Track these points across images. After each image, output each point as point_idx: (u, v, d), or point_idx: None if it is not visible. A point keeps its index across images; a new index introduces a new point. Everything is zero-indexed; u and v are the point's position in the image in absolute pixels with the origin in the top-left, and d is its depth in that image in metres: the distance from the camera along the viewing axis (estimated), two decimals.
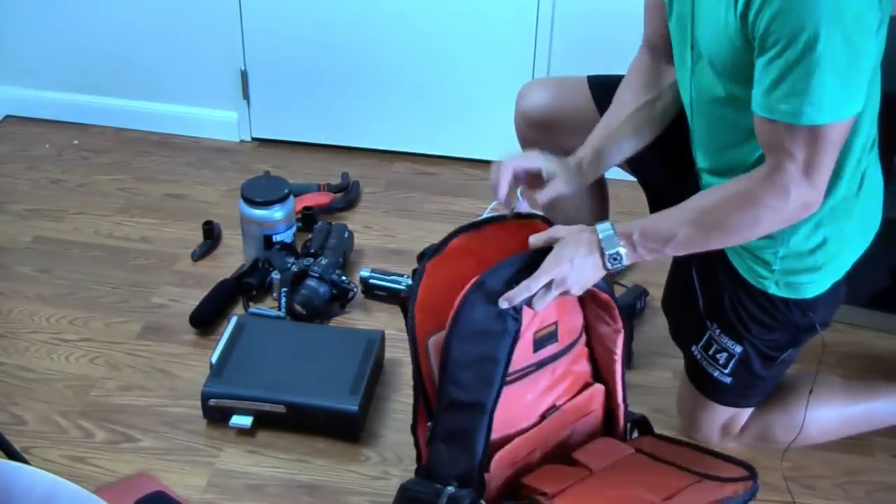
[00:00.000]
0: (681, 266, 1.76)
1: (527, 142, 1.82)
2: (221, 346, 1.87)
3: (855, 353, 2.00)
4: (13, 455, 1.57)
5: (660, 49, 1.62)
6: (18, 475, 1.05)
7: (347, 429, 1.78)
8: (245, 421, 1.78)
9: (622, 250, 1.40)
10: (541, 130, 1.79)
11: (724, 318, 1.61)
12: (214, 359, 1.85)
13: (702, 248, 1.43)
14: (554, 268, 1.38)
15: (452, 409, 1.39)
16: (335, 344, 1.91)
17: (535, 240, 1.43)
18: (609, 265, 1.41)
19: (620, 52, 1.72)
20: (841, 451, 1.80)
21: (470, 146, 2.64)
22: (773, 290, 1.54)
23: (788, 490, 1.70)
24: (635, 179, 1.83)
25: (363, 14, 2.49)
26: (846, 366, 1.95)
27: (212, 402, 1.79)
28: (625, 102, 1.62)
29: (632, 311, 2.07)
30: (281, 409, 1.77)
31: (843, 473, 1.76)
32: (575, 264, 1.38)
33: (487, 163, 2.59)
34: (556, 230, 1.43)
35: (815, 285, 1.53)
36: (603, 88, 1.74)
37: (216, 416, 1.80)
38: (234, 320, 1.94)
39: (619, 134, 1.61)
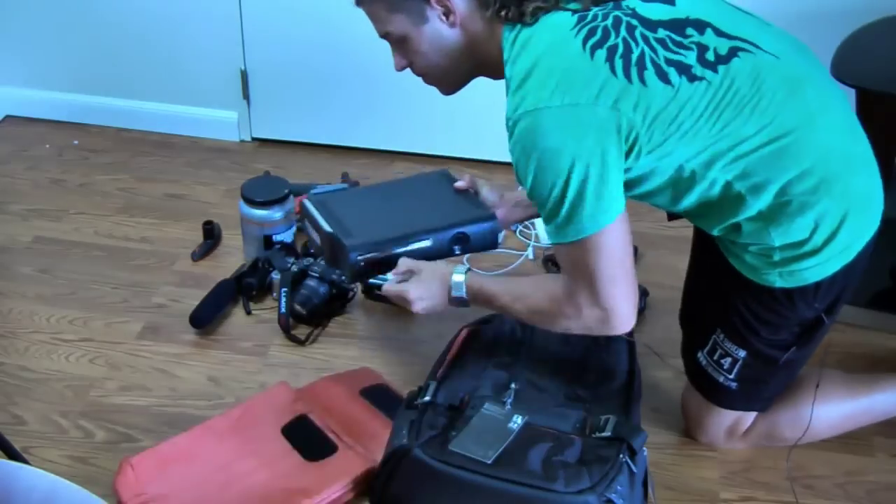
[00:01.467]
0: (689, 275, 1.77)
1: None
2: (323, 221, 1.83)
3: (856, 353, 2.00)
4: (13, 455, 1.57)
5: None
6: (18, 475, 1.05)
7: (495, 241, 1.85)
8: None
9: (466, 298, 1.65)
10: None
11: (729, 323, 1.61)
12: (328, 229, 1.80)
13: (520, 321, 1.69)
14: (410, 290, 1.67)
15: None
16: (419, 186, 1.97)
17: (403, 262, 1.72)
18: (454, 303, 1.67)
19: None
20: (841, 451, 1.79)
21: (470, 146, 2.64)
22: (777, 283, 1.53)
23: (793, 491, 1.70)
24: None
25: (363, 14, 2.49)
26: (847, 366, 1.95)
27: (360, 258, 1.74)
28: None
29: None
30: (427, 243, 1.78)
31: (843, 473, 1.76)
32: (430, 294, 1.67)
33: (487, 163, 2.62)
34: (421, 265, 1.71)
35: (817, 269, 1.52)
36: None
37: (368, 274, 1.79)
38: (306, 203, 1.91)
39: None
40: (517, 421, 1.56)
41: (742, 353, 1.62)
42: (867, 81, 1.83)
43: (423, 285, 1.67)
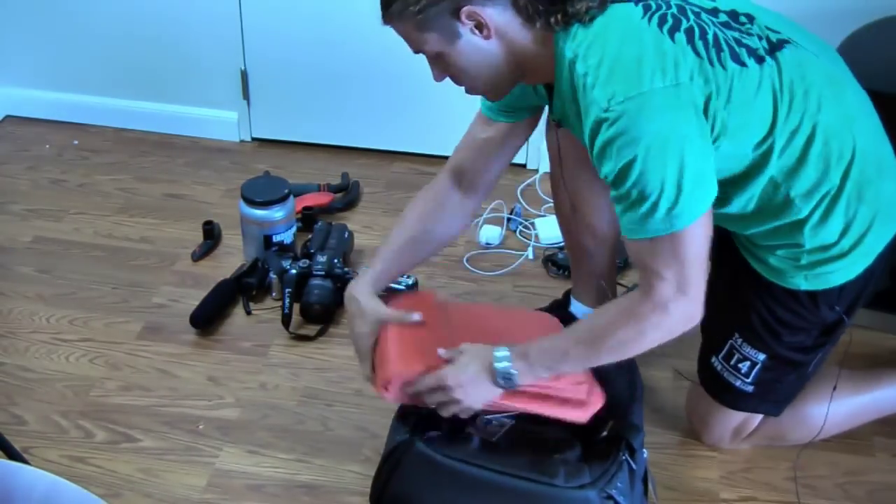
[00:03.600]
0: None
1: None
2: None
3: (856, 353, 1.99)
4: (13, 455, 1.57)
5: (465, 177, 1.71)
6: (18, 475, 1.06)
7: None
8: None
9: (513, 371, 1.46)
10: None
11: (748, 327, 1.61)
12: None
13: (595, 364, 1.50)
14: (448, 376, 1.47)
15: None
16: None
17: (444, 353, 1.51)
18: (500, 382, 1.47)
19: None
20: (841, 451, 1.80)
21: None
22: (803, 286, 1.53)
23: (797, 491, 1.71)
24: None
25: (363, 14, 2.49)
26: (847, 366, 1.94)
27: None
28: (408, 225, 1.69)
29: None
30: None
31: (843, 473, 1.76)
32: (468, 376, 1.47)
33: None
34: (463, 346, 1.51)
35: (843, 272, 1.52)
36: None
37: None
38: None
39: (401, 254, 1.69)
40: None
41: (762, 357, 1.62)
42: (867, 81, 1.83)
43: (461, 370, 1.48)
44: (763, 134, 1.40)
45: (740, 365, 1.64)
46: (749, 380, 1.64)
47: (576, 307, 1.94)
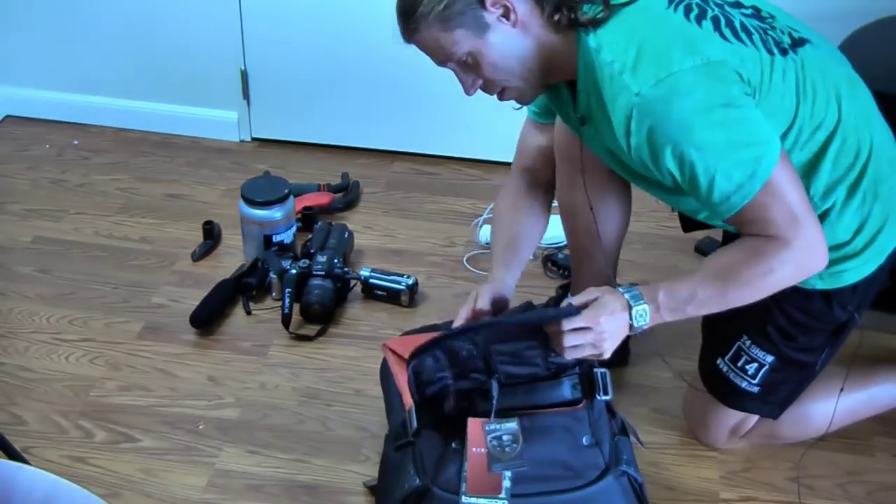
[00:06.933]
0: None
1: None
2: None
3: (856, 353, 2.00)
4: (13, 455, 1.57)
5: (535, 177, 1.76)
6: (18, 475, 1.05)
7: None
8: None
9: (646, 307, 1.42)
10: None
11: (758, 329, 1.60)
12: None
13: (722, 307, 1.45)
14: (593, 318, 1.41)
15: None
16: None
17: (576, 299, 1.45)
18: (634, 322, 1.42)
19: None
20: (841, 451, 1.80)
21: (470, 146, 2.64)
22: (818, 285, 1.53)
23: (798, 491, 1.71)
24: None
25: (363, 14, 2.49)
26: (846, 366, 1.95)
27: None
28: (503, 237, 1.73)
29: None
30: None
31: (843, 473, 1.76)
32: (608, 319, 1.41)
33: (487, 163, 2.62)
34: (591, 290, 1.45)
35: (856, 271, 1.52)
36: None
37: None
38: None
39: (509, 264, 1.68)
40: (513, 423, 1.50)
41: (770, 359, 1.62)
42: (867, 81, 1.83)
43: (605, 308, 1.43)
44: (786, 127, 1.41)
45: (748, 367, 1.64)
46: (756, 381, 1.64)
47: None
